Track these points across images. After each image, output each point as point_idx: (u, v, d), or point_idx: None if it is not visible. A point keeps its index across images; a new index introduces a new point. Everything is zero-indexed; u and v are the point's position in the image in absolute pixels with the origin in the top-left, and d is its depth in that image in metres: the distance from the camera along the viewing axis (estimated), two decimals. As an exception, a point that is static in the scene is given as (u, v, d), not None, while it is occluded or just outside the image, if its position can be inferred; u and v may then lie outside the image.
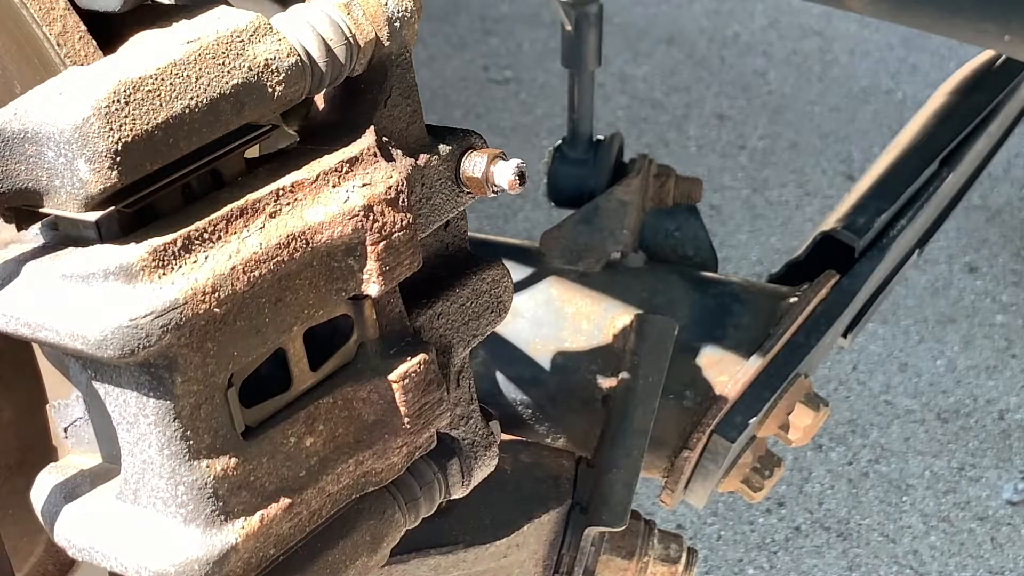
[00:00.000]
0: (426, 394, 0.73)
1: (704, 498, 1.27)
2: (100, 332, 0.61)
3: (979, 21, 0.96)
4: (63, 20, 0.68)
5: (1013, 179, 3.08)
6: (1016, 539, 2.23)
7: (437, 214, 0.75)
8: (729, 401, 1.21)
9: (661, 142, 3.21)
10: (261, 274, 0.66)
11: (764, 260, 2.79)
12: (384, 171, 0.70)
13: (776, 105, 3.40)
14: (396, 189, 0.70)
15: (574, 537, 1.13)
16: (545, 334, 1.28)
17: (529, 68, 3.49)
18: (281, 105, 0.68)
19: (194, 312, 0.63)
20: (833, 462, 2.40)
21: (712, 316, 1.29)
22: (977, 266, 2.84)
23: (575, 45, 1.42)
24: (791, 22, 3.75)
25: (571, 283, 1.31)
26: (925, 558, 2.21)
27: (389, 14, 0.70)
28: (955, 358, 2.61)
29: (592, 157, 1.43)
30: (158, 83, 0.63)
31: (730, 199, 3.04)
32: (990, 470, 2.37)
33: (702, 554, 2.20)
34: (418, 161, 0.72)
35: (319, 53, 0.68)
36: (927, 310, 2.72)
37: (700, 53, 3.63)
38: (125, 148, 0.62)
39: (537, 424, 1.29)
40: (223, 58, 0.65)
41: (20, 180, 0.64)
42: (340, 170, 0.69)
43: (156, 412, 0.64)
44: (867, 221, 1.37)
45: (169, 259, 0.63)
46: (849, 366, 2.59)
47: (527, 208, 2.83)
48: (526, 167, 0.73)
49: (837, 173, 3.11)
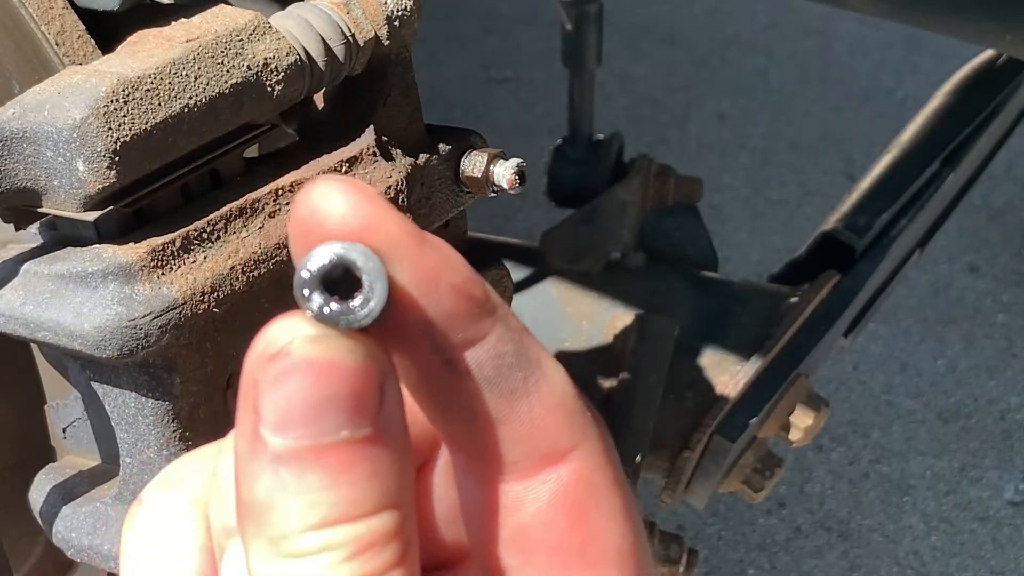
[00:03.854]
0: (426, 394, 0.73)
1: (705, 499, 1.27)
2: (99, 332, 0.61)
3: (980, 20, 0.95)
4: (61, 19, 0.67)
5: (1014, 179, 3.08)
6: (1018, 539, 2.23)
7: (437, 214, 0.75)
8: (730, 401, 1.21)
9: (661, 142, 3.21)
10: (260, 274, 0.66)
11: (764, 260, 2.79)
12: (383, 171, 0.70)
13: (776, 105, 3.40)
14: (396, 189, 0.69)
15: (574, 538, 1.12)
16: (545, 334, 1.28)
17: (529, 68, 3.49)
18: (280, 104, 0.68)
19: (193, 312, 0.63)
20: (834, 462, 2.40)
21: (712, 316, 1.29)
22: (978, 266, 2.83)
23: (575, 45, 1.41)
24: (791, 22, 3.75)
25: (571, 283, 1.31)
26: (926, 558, 2.20)
27: (388, 13, 0.70)
28: (956, 358, 2.61)
29: (592, 157, 1.43)
30: (157, 83, 0.63)
31: (730, 199, 3.04)
32: (991, 470, 2.37)
33: (703, 554, 2.19)
34: (418, 161, 0.72)
35: (318, 52, 0.68)
36: (928, 310, 2.72)
37: (700, 53, 3.63)
38: (124, 148, 0.62)
39: (537, 424, 1.28)
40: (222, 57, 0.65)
41: (18, 180, 0.63)
42: (339, 170, 0.69)
43: (155, 412, 0.64)
44: (868, 221, 1.37)
45: (168, 259, 0.63)
46: (850, 366, 2.58)
47: (527, 208, 2.82)
48: (526, 167, 0.73)
49: (837, 173, 3.11)
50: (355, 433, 0.32)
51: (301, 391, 0.32)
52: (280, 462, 0.32)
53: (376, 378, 0.33)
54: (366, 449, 0.32)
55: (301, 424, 0.32)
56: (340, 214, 0.33)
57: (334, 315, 0.32)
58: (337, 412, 0.32)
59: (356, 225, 0.33)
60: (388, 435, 0.33)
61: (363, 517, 0.32)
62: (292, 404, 0.32)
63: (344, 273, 0.32)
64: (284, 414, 0.32)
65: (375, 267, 0.32)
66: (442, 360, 0.34)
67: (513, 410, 0.35)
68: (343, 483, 0.32)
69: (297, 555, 0.32)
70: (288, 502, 0.32)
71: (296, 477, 0.32)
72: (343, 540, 0.32)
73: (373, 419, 0.32)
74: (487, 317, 0.35)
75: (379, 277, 0.32)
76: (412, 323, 0.34)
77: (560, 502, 0.36)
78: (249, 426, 0.32)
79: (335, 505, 0.32)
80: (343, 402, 0.32)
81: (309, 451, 0.32)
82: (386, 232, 0.33)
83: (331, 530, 0.32)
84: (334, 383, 0.32)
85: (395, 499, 0.33)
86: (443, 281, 0.34)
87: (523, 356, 0.35)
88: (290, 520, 0.32)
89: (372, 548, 0.32)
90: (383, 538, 0.32)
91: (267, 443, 0.32)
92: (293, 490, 0.32)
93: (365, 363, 0.32)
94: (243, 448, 0.33)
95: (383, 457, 0.33)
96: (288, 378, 0.32)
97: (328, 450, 0.32)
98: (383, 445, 0.33)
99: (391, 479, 0.33)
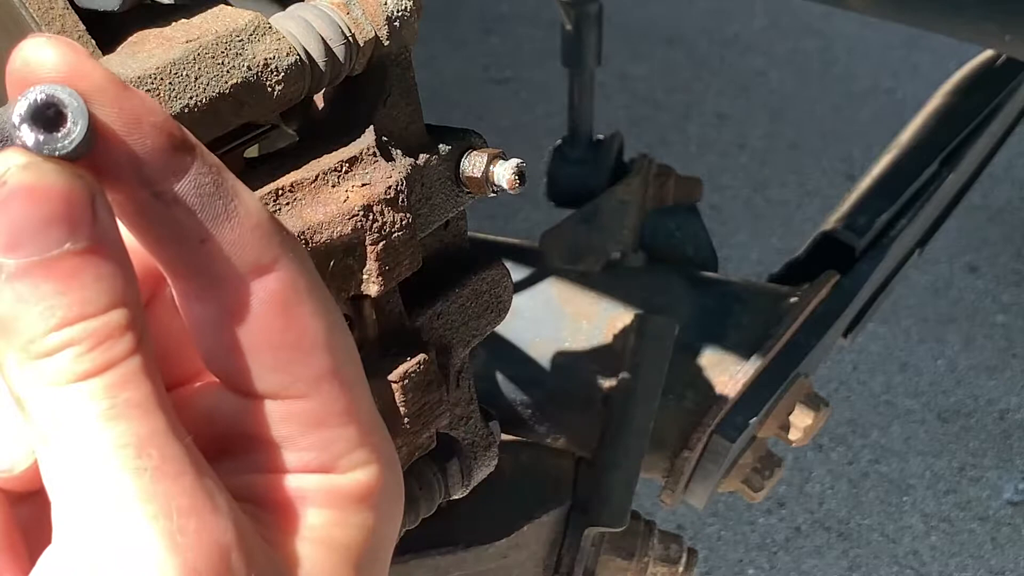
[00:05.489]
0: (426, 394, 0.73)
1: (704, 498, 1.27)
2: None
3: (980, 20, 0.95)
4: (62, 19, 0.67)
5: (1014, 179, 3.08)
6: (1017, 539, 2.23)
7: (437, 214, 0.75)
8: (729, 401, 1.21)
9: (661, 142, 3.21)
10: (260, 274, 0.66)
11: (764, 260, 2.79)
12: (383, 171, 0.70)
13: (776, 105, 3.40)
14: (395, 189, 0.69)
15: (574, 537, 1.13)
16: (545, 334, 1.28)
17: (529, 68, 3.49)
18: (280, 105, 0.68)
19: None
20: (833, 462, 2.40)
21: (712, 316, 1.29)
22: (978, 266, 2.84)
23: (575, 45, 1.41)
24: (791, 22, 3.75)
25: (571, 283, 1.31)
26: (926, 558, 2.20)
27: (388, 13, 0.70)
28: (956, 358, 2.61)
29: (592, 157, 1.43)
30: (157, 83, 0.63)
31: (730, 199, 3.04)
32: (991, 470, 2.37)
33: (702, 554, 2.20)
34: (418, 161, 0.72)
35: (318, 52, 0.68)
36: (928, 310, 2.72)
37: (700, 53, 3.63)
38: (124, 148, 0.62)
39: (537, 424, 1.29)
40: (222, 58, 0.65)
41: (19, 180, 0.63)
42: (339, 170, 0.69)
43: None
44: (867, 221, 1.37)
45: (168, 259, 0.63)
46: (849, 366, 2.59)
47: (527, 208, 2.83)
48: (526, 167, 0.73)
49: (837, 173, 3.11)
50: (75, 245, 0.38)
51: (21, 213, 0.37)
52: (16, 278, 0.37)
53: (86, 197, 0.38)
54: (88, 258, 0.38)
55: (28, 243, 0.37)
56: (52, 63, 0.38)
57: (40, 144, 0.37)
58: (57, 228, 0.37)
59: (65, 72, 0.38)
60: (105, 245, 0.38)
61: (96, 314, 0.38)
62: (16, 226, 0.37)
63: (56, 114, 0.37)
64: (12, 237, 0.37)
65: (78, 104, 0.38)
66: (150, 192, 0.40)
67: (219, 232, 0.41)
68: (73, 288, 0.38)
69: (45, 353, 0.38)
70: (29, 311, 0.37)
71: (31, 289, 0.37)
72: (82, 335, 0.38)
73: (89, 232, 0.38)
74: (187, 154, 0.40)
75: (81, 113, 0.38)
76: (118, 158, 0.39)
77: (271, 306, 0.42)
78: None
79: (70, 307, 0.38)
80: (59, 219, 0.37)
81: (39, 266, 0.37)
82: (92, 78, 0.39)
83: (70, 328, 0.38)
84: (48, 203, 0.37)
85: (122, 298, 0.39)
86: (144, 121, 0.40)
87: (222, 186, 0.41)
88: (34, 325, 0.38)
89: (110, 339, 0.38)
90: (118, 330, 0.38)
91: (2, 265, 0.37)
92: (32, 300, 0.37)
93: (72, 183, 0.38)
94: None
95: (105, 263, 0.38)
96: (9, 204, 0.37)
97: (55, 262, 0.37)
98: (102, 254, 0.38)
99: (116, 282, 0.39)
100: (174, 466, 0.39)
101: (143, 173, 0.40)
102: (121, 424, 0.38)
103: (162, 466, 0.38)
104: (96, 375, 0.38)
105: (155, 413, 0.39)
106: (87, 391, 0.38)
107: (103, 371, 0.38)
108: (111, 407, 0.38)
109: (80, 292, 0.38)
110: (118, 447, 0.38)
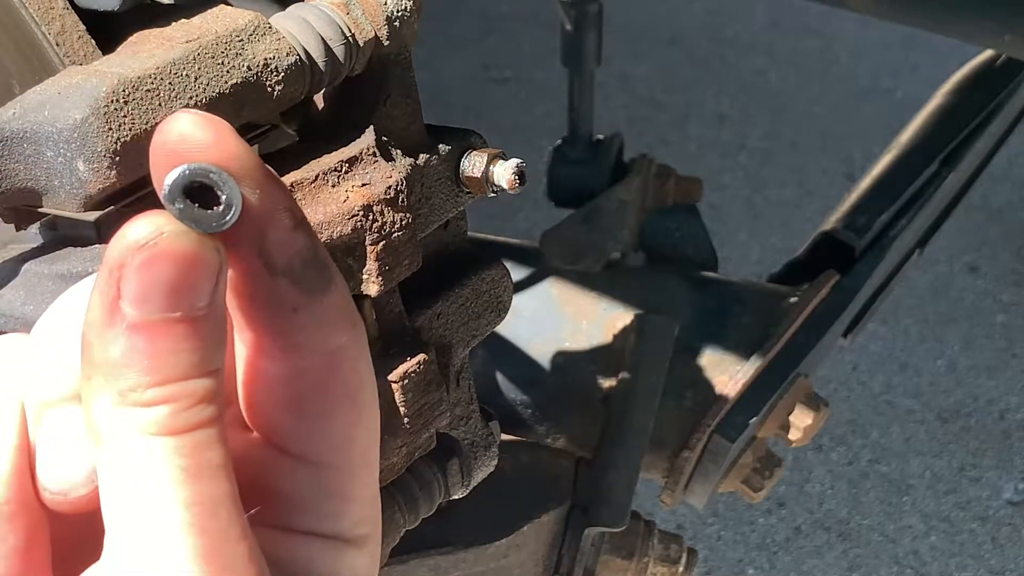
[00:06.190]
0: (425, 394, 0.73)
1: (704, 498, 1.27)
2: (99, 332, 0.61)
3: (980, 20, 0.95)
4: (62, 19, 0.67)
5: (1014, 179, 3.08)
6: (1017, 539, 2.23)
7: (436, 214, 0.75)
8: (729, 401, 1.21)
9: (661, 142, 3.21)
10: (260, 274, 0.66)
11: (764, 260, 2.79)
12: (383, 171, 0.70)
13: (776, 105, 3.40)
14: (395, 189, 0.69)
15: (574, 537, 1.13)
16: (545, 334, 1.28)
17: (529, 68, 3.49)
18: (280, 105, 0.68)
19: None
20: (833, 462, 2.40)
21: (712, 316, 1.29)
22: (978, 266, 2.84)
23: (575, 45, 1.41)
24: (791, 22, 3.75)
25: (571, 283, 1.31)
26: (926, 558, 2.21)
27: (388, 13, 0.70)
28: (956, 358, 2.61)
29: (592, 157, 1.43)
30: (157, 83, 0.63)
31: (730, 199, 3.04)
32: (991, 470, 2.37)
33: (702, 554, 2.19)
34: (418, 161, 0.72)
35: (318, 52, 0.68)
36: (927, 310, 2.72)
37: (700, 53, 3.63)
38: (124, 148, 0.62)
39: (537, 424, 1.29)
40: (222, 58, 0.65)
41: (19, 180, 0.63)
42: (339, 170, 0.69)
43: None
44: (867, 221, 1.37)
45: (168, 259, 0.63)
46: (849, 366, 2.59)
47: (527, 208, 2.83)
48: (526, 167, 0.73)
49: (837, 173, 3.11)
50: (194, 312, 0.40)
51: (162, 274, 0.39)
52: (134, 331, 0.39)
53: (217, 269, 0.41)
54: (200, 324, 0.40)
55: (156, 300, 0.39)
56: (207, 144, 0.41)
57: (197, 217, 0.40)
58: (186, 294, 0.40)
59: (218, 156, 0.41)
60: (216, 312, 0.41)
61: (196, 377, 0.40)
62: (151, 283, 0.39)
63: (200, 189, 0.40)
64: (143, 291, 0.39)
65: (233, 188, 0.41)
66: (263, 263, 0.43)
67: (310, 302, 0.43)
68: (184, 349, 0.40)
69: (143, 404, 0.40)
70: (138, 362, 0.39)
71: (147, 343, 0.39)
72: (180, 394, 0.40)
73: (209, 300, 0.40)
74: (302, 231, 0.43)
75: (236, 197, 0.41)
76: (251, 234, 0.42)
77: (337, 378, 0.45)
78: (108, 299, 0.40)
79: (176, 367, 0.40)
80: (191, 286, 0.40)
81: (160, 324, 0.40)
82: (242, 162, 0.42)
83: (172, 386, 0.40)
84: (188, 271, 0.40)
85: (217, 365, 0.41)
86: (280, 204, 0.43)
87: (319, 261, 0.44)
88: (139, 376, 0.40)
89: (203, 402, 0.40)
90: (209, 395, 0.40)
91: (125, 314, 0.39)
92: (144, 353, 0.39)
93: (211, 257, 0.40)
94: (99, 318, 0.40)
95: (213, 331, 0.41)
96: (153, 262, 0.39)
97: (174, 323, 0.40)
98: (213, 321, 0.41)
99: (216, 350, 0.41)
100: (236, 532, 0.41)
101: (265, 248, 0.42)
102: (200, 484, 0.40)
103: (228, 530, 0.40)
104: (185, 433, 0.40)
105: (229, 479, 0.41)
106: (174, 446, 0.40)
107: (192, 430, 0.40)
108: (194, 465, 0.40)
109: (188, 355, 0.40)
110: (192, 503, 0.40)
